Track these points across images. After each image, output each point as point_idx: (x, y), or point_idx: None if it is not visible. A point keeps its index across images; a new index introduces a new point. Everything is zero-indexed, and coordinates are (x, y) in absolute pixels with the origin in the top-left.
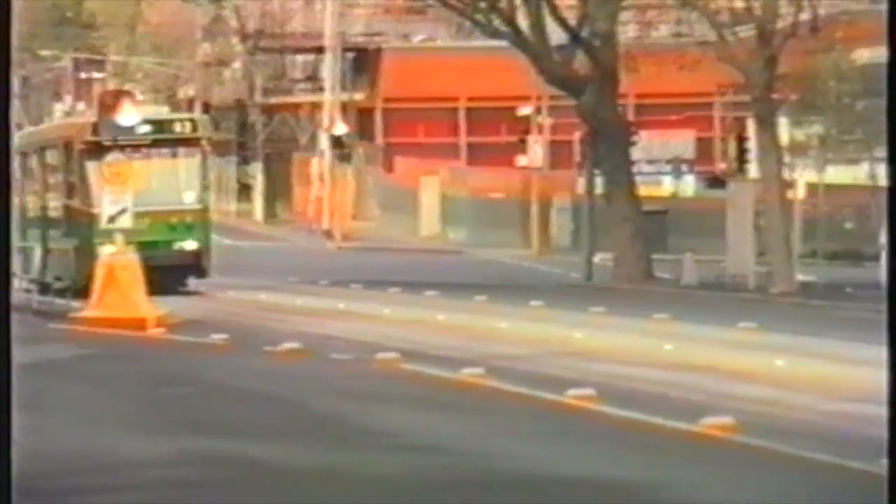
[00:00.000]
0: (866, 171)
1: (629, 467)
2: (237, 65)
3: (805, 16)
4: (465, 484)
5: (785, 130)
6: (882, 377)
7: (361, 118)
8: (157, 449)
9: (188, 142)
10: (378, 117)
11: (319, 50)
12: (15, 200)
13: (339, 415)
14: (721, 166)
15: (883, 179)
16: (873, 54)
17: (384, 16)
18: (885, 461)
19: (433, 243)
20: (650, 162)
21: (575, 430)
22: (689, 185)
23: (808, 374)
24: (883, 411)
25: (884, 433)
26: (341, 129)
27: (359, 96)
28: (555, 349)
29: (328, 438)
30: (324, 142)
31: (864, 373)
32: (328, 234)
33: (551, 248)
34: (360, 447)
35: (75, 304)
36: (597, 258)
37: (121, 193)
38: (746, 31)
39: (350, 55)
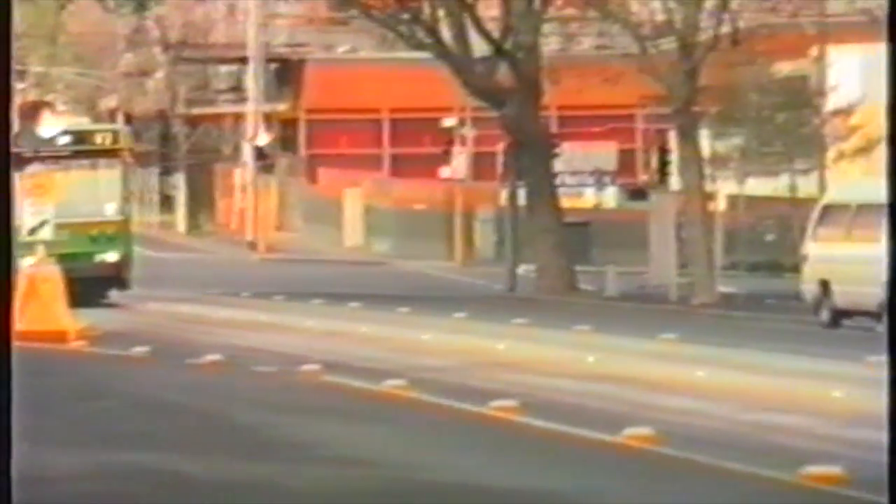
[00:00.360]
0: (786, 183)
1: (551, 478)
2: (159, 75)
3: (726, 29)
4: (388, 495)
5: (706, 142)
6: (800, 386)
7: (285, 129)
8: (76, 463)
9: (109, 153)
10: (301, 128)
11: (242, 60)
12: None
13: (261, 427)
14: (643, 178)
15: (802, 191)
16: (793, 67)
17: (307, 26)
18: (885, 460)
19: (357, 254)
20: (573, 173)
21: (497, 442)
22: (611, 196)
23: (728, 384)
24: (801, 420)
25: (800, 442)
26: (264, 139)
27: (282, 107)
28: (478, 360)
29: (251, 451)
30: (247, 153)
31: (783, 383)
32: (251, 246)
33: (475, 259)
34: (283, 459)
35: None
36: (520, 269)
37: (41, 205)
38: (668, 44)
39: (273, 66)
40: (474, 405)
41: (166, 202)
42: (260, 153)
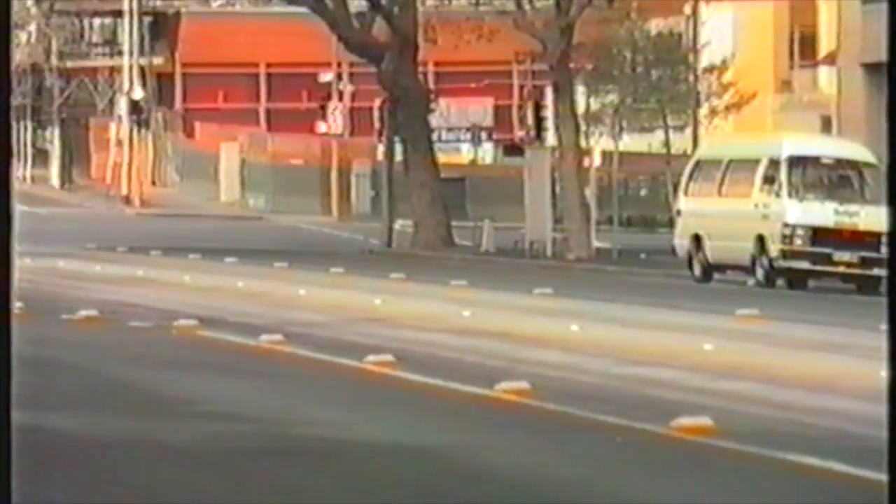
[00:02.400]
0: (661, 139)
1: (427, 432)
2: (32, 28)
3: None
4: (265, 450)
5: (581, 99)
6: (672, 340)
7: (161, 83)
8: None
9: None
10: (177, 82)
11: (117, 13)
12: None
13: (137, 382)
14: (519, 134)
15: (676, 147)
16: (667, 24)
17: None
18: (885, 461)
19: (233, 210)
20: (449, 129)
21: (374, 396)
22: (487, 152)
23: (603, 338)
24: (674, 374)
25: (671, 395)
26: (139, 93)
27: (158, 61)
28: (354, 315)
29: (126, 406)
30: (122, 107)
31: (656, 337)
32: (127, 201)
33: (351, 214)
34: (159, 415)
35: None
36: (397, 225)
37: None
38: (543, 1)
39: (148, 19)
40: (351, 360)
41: (40, 156)
42: (135, 107)
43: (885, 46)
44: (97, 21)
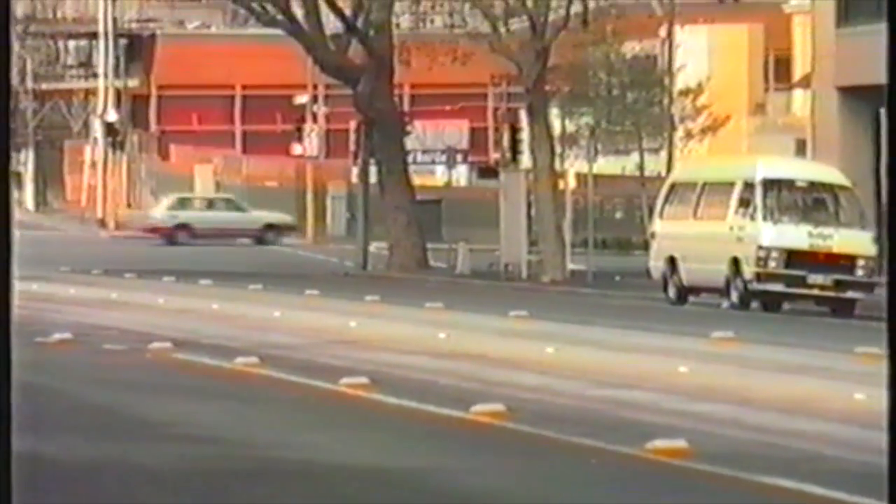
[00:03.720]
0: (635, 162)
1: (402, 455)
2: None
3: (576, 8)
4: (240, 473)
5: (556, 121)
6: (647, 362)
7: (136, 105)
8: None
9: None
10: (152, 104)
11: (92, 35)
12: None
13: (111, 405)
14: (494, 156)
15: (651, 169)
16: (642, 47)
17: (158, 2)
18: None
19: None
20: (424, 151)
21: (349, 419)
22: (462, 174)
23: (578, 360)
24: (649, 396)
25: (646, 417)
26: (114, 116)
27: (133, 83)
28: (329, 338)
29: (100, 430)
30: (97, 129)
31: (631, 359)
32: (101, 223)
33: (327, 236)
34: (133, 438)
35: None
36: (372, 247)
37: None
38: (519, 24)
39: (123, 41)
40: (326, 382)
41: (14, 179)
42: (110, 129)
43: (885, 47)
44: (72, 43)
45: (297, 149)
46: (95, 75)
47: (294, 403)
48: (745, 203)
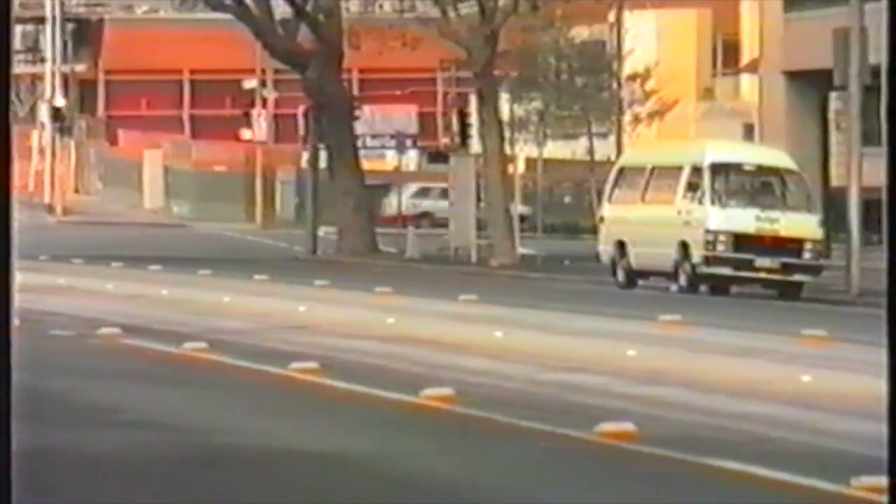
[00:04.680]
0: (585, 146)
1: (351, 439)
2: None
3: None
4: (188, 459)
5: (506, 106)
6: (596, 346)
7: (83, 90)
8: None
9: None
10: (100, 89)
11: (39, 20)
12: None
13: (59, 392)
14: (444, 141)
15: (600, 154)
16: (591, 31)
17: None
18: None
19: (157, 217)
20: (374, 136)
21: (298, 404)
22: (412, 159)
23: (527, 344)
24: (597, 379)
25: (595, 401)
26: (62, 101)
27: (80, 68)
28: (279, 323)
29: (47, 417)
30: (44, 114)
31: (580, 343)
32: (49, 209)
33: (276, 221)
34: (81, 424)
35: None
36: (321, 232)
37: None
38: (468, 8)
39: (71, 26)
40: (275, 367)
41: None
42: (57, 114)
43: (885, 46)
44: (19, 28)
45: (246, 134)
46: (43, 60)
47: (243, 388)
48: (693, 187)
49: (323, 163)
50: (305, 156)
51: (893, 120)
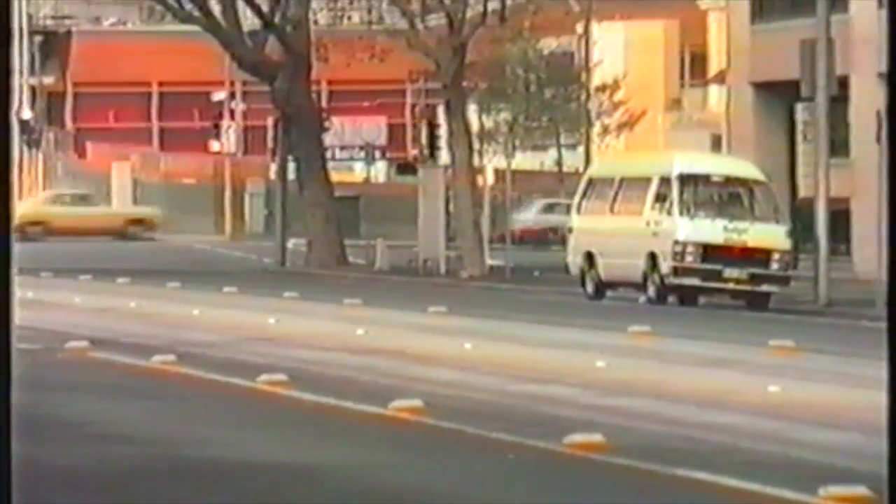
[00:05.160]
0: (553, 158)
1: (320, 451)
2: None
3: (493, 5)
4: (156, 472)
5: (474, 117)
6: (565, 357)
7: (51, 103)
8: None
9: None
10: (68, 102)
11: None
12: None
13: (24, 405)
14: (413, 152)
15: (569, 165)
16: (559, 43)
17: None
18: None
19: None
20: (343, 148)
21: (267, 416)
22: (381, 170)
23: (496, 356)
24: (566, 391)
25: (564, 412)
26: (29, 113)
27: (48, 80)
28: (247, 335)
29: (15, 430)
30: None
31: (549, 354)
32: None
33: (245, 233)
34: (47, 438)
35: None
36: (290, 243)
37: None
38: (436, 20)
39: (38, 38)
40: (244, 379)
41: None
42: (25, 127)
43: (884, 47)
44: None
45: (214, 145)
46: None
47: (212, 401)
48: (661, 198)
49: (292, 174)
50: (274, 167)
51: (894, 120)
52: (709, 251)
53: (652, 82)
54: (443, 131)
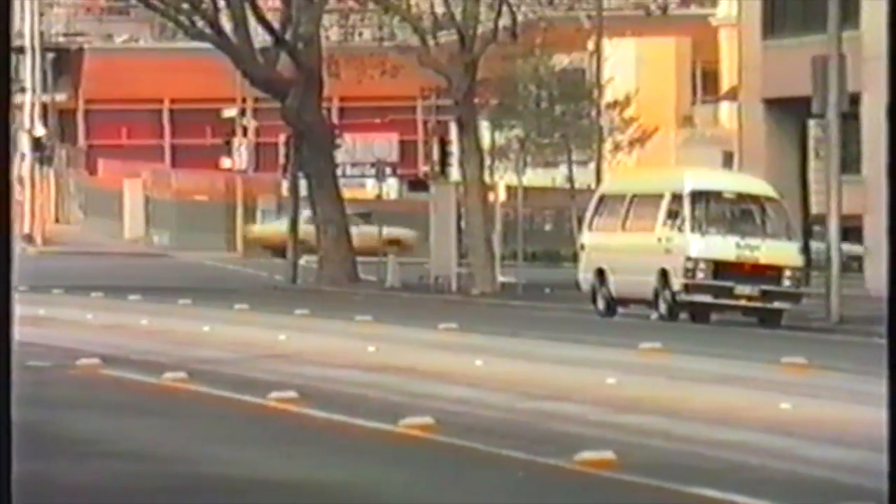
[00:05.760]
0: (565, 174)
1: (332, 469)
2: None
3: (504, 21)
4: (168, 490)
5: (486, 134)
6: (576, 374)
7: (63, 120)
8: None
9: None
10: (80, 119)
11: (19, 50)
12: None
13: (37, 423)
14: (424, 169)
15: (580, 181)
16: (570, 59)
17: (85, 15)
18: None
19: (137, 247)
20: (354, 164)
21: (277, 433)
22: (392, 187)
23: (507, 373)
24: (577, 408)
25: (574, 429)
26: (42, 130)
27: (60, 97)
28: (259, 352)
29: (25, 448)
30: (24, 144)
31: (560, 371)
32: (29, 239)
33: (257, 250)
34: (59, 455)
35: None
36: (302, 260)
37: None
38: (448, 37)
39: (50, 55)
40: (255, 397)
41: None
42: (37, 144)
43: (885, 48)
44: None
45: (226, 162)
46: (23, 90)
47: (222, 418)
48: (673, 215)
49: (303, 191)
50: (286, 184)
51: (894, 120)
52: (720, 268)
53: (663, 99)
54: (454, 148)
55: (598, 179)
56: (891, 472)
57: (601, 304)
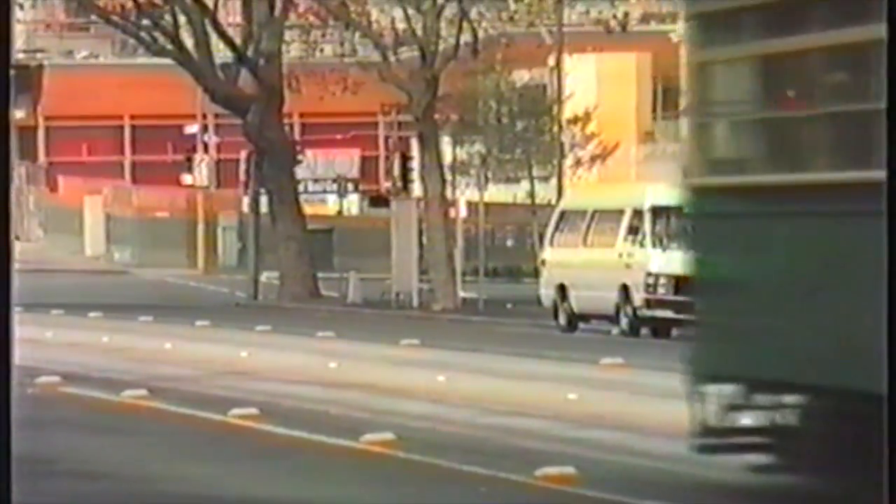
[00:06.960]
0: (526, 190)
1: (291, 485)
2: None
3: (465, 37)
4: None
5: (447, 149)
6: (537, 389)
7: (23, 137)
8: None
9: None
10: (40, 136)
11: None
12: None
13: None
14: (386, 185)
15: (541, 197)
16: (531, 75)
17: (45, 32)
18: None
19: (98, 264)
20: (315, 181)
21: (238, 450)
22: (353, 203)
23: (469, 389)
24: (538, 423)
25: (536, 444)
26: None
27: (20, 114)
28: (220, 369)
29: None
30: None
31: (521, 387)
32: None
33: (218, 267)
34: (20, 475)
35: None
36: (263, 277)
37: None
38: (409, 52)
39: (10, 72)
40: (215, 414)
41: None
42: None
43: (884, 48)
44: None
45: (187, 179)
46: None
47: (183, 436)
48: (634, 230)
49: (264, 207)
50: (247, 201)
51: (893, 120)
52: (682, 283)
53: (624, 114)
54: (415, 164)
55: (560, 195)
56: (891, 472)
57: (563, 320)
